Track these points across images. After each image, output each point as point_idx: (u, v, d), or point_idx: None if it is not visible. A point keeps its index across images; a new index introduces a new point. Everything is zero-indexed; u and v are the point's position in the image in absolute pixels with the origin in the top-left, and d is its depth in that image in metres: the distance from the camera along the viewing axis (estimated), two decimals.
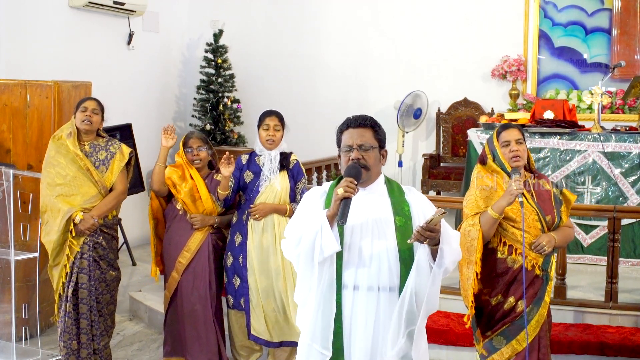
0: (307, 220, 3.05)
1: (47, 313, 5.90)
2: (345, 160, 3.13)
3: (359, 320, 3.04)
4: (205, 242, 5.08)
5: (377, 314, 3.04)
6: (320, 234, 2.95)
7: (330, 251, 2.97)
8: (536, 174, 4.18)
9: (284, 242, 3.14)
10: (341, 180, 3.01)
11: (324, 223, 2.96)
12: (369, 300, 3.04)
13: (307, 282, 3.08)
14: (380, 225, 3.08)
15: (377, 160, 3.16)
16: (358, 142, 3.12)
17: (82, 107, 4.95)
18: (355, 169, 3.05)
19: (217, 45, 9.45)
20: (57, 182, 4.88)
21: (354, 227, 3.06)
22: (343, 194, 2.92)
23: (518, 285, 4.00)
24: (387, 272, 3.04)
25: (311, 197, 3.21)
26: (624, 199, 6.64)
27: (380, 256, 3.05)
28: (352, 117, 3.20)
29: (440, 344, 5.42)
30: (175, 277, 5.08)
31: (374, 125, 3.19)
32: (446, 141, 9.27)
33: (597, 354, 5.11)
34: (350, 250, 3.05)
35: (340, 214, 2.91)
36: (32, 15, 7.36)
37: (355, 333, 3.05)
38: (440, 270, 3.06)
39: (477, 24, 9.11)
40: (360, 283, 3.04)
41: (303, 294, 3.12)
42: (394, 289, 3.05)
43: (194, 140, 5.09)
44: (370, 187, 3.16)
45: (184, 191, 4.98)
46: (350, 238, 3.06)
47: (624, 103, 8.41)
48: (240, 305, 5.07)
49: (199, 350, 5.06)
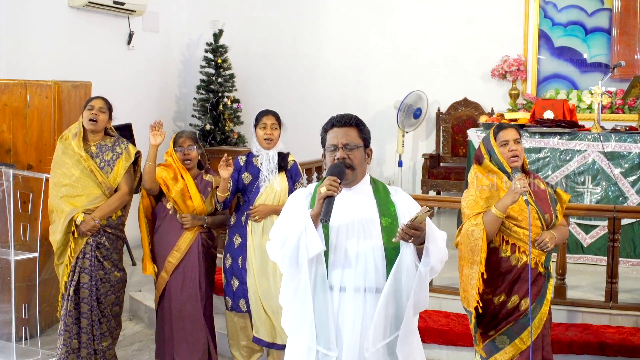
0: (291, 221, 3.03)
1: (47, 313, 5.90)
2: (331, 159, 3.11)
3: (346, 322, 3.01)
4: (195, 242, 5.05)
5: (364, 316, 3.01)
6: (305, 234, 2.94)
7: (315, 251, 2.95)
8: (530, 174, 4.19)
9: (269, 244, 3.12)
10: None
11: (308, 223, 2.94)
12: (356, 302, 3.01)
13: (293, 284, 3.06)
14: (366, 225, 3.06)
15: (362, 159, 3.15)
16: (343, 142, 3.10)
17: (88, 106, 4.94)
18: (339, 168, 3.04)
19: (217, 45, 9.45)
20: (62, 182, 4.88)
21: (339, 227, 3.05)
22: (326, 193, 2.91)
23: (522, 284, 4.00)
24: (374, 272, 3.02)
25: (296, 199, 3.19)
26: (623, 199, 6.64)
27: (367, 257, 3.02)
28: (336, 116, 3.18)
29: (441, 344, 5.42)
30: (164, 277, 5.05)
31: (359, 124, 3.17)
32: (446, 141, 9.28)
33: (597, 354, 5.11)
34: (336, 251, 3.03)
35: (323, 212, 2.90)
36: (32, 15, 7.36)
37: (343, 334, 3.02)
38: (427, 270, 3.02)
39: (477, 23, 9.12)
40: (346, 284, 3.02)
41: (288, 296, 3.10)
42: (381, 290, 3.02)
43: (184, 139, 5.06)
44: (356, 188, 3.15)
45: (175, 190, 4.96)
46: (336, 239, 3.04)
47: (624, 103, 8.41)
48: (239, 307, 5.06)
49: (187, 350, 5.03)
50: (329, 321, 3.01)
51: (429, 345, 5.44)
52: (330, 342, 3.00)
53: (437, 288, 5.90)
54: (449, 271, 6.32)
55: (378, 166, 9.55)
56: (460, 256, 4.07)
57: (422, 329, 5.42)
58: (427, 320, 5.56)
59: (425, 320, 5.54)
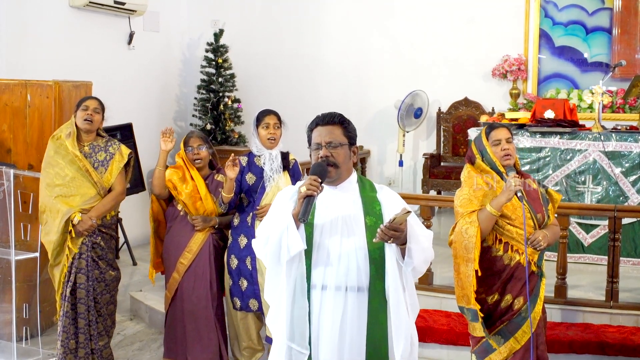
0: (275, 219, 3.05)
1: (47, 313, 5.90)
2: (315, 158, 3.12)
3: (325, 321, 3.03)
4: (207, 243, 5.08)
5: (344, 314, 3.02)
6: (286, 233, 2.96)
7: (295, 250, 2.97)
8: (522, 174, 4.19)
9: (254, 242, 3.15)
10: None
11: (289, 222, 2.96)
12: (337, 301, 3.02)
13: (275, 281, 3.10)
14: (350, 224, 3.07)
15: (347, 157, 3.14)
16: (326, 140, 3.11)
17: (83, 106, 4.93)
18: (320, 167, 3.04)
19: (217, 45, 9.44)
20: (56, 182, 4.87)
21: (323, 226, 3.06)
22: (305, 192, 2.92)
23: (515, 283, 4.01)
24: (356, 271, 3.03)
25: (282, 198, 3.20)
26: (624, 199, 6.64)
27: (349, 256, 3.04)
28: (320, 115, 3.19)
29: (441, 344, 5.42)
30: (176, 278, 5.08)
31: (343, 122, 3.17)
32: (447, 141, 9.27)
33: (598, 354, 5.11)
34: (319, 249, 3.05)
35: (302, 212, 2.91)
36: (32, 15, 7.36)
37: (322, 333, 3.03)
38: (409, 270, 3.04)
39: (477, 23, 9.11)
40: (328, 283, 3.03)
41: (272, 293, 3.14)
42: (363, 289, 3.04)
43: (194, 139, 5.10)
44: (341, 186, 3.15)
45: (184, 193, 4.98)
46: (319, 237, 3.05)
47: (625, 102, 8.40)
48: (249, 307, 5.06)
49: (200, 351, 5.06)
50: (306, 319, 3.02)
51: (429, 345, 5.44)
52: (305, 340, 3.02)
53: (437, 287, 5.90)
54: (450, 271, 6.32)
55: (379, 166, 9.55)
56: (455, 254, 4.08)
57: (423, 328, 5.42)
58: (428, 319, 5.56)
59: (425, 320, 5.54)
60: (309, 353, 3.03)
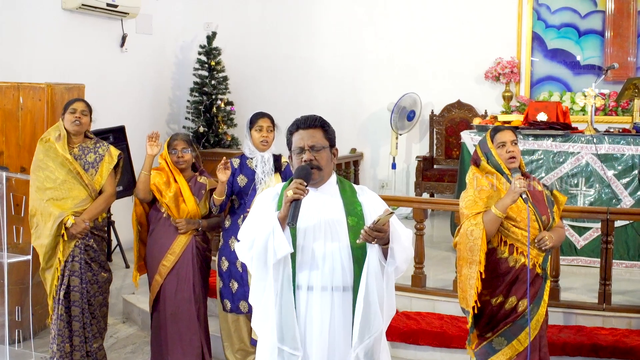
0: (259, 222, 3.06)
1: (40, 316, 5.88)
2: (298, 161, 3.14)
3: (314, 321, 3.05)
4: (190, 245, 5.05)
5: (332, 314, 3.05)
6: (272, 237, 2.97)
7: (282, 253, 2.99)
8: (527, 175, 4.20)
9: (237, 245, 3.16)
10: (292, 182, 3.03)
11: (275, 225, 2.98)
12: (323, 300, 3.05)
13: (262, 285, 3.10)
14: (333, 225, 3.10)
15: (328, 159, 3.17)
16: (309, 143, 3.12)
17: (70, 109, 4.92)
18: (305, 170, 3.07)
19: (210, 48, 9.44)
20: (46, 185, 4.85)
21: (306, 228, 3.08)
22: (292, 196, 2.94)
23: (520, 285, 4.02)
24: (340, 271, 3.06)
25: (264, 200, 3.22)
26: (617, 201, 6.65)
27: (333, 256, 3.06)
28: (301, 118, 3.20)
29: (435, 346, 5.42)
30: (158, 281, 5.04)
31: (324, 125, 3.20)
32: (439, 143, 9.29)
33: (591, 356, 5.12)
34: (303, 251, 3.07)
35: (290, 216, 2.93)
36: (25, 17, 7.34)
37: (311, 333, 3.05)
38: (392, 270, 3.07)
39: (470, 26, 9.14)
40: (313, 283, 3.05)
41: (257, 296, 3.14)
42: (348, 289, 3.07)
43: (178, 142, 5.06)
44: (322, 188, 3.18)
45: (168, 196, 4.96)
46: (303, 240, 3.07)
47: (617, 105, 8.43)
48: (239, 309, 5.05)
49: (181, 353, 5.02)
50: (295, 321, 3.04)
51: (422, 348, 5.44)
52: (295, 341, 3.03)
53: (430, 290, 5.90)
54: (443, 273, 6.35)
55: (372, 168, 9.56)
56: (459, 256, 4.09)
57: (416, 331, 5.42)
58: (421, 322, 5.56)
59: (418, 322, 5.54)
60: (301, 355, 3.04)
